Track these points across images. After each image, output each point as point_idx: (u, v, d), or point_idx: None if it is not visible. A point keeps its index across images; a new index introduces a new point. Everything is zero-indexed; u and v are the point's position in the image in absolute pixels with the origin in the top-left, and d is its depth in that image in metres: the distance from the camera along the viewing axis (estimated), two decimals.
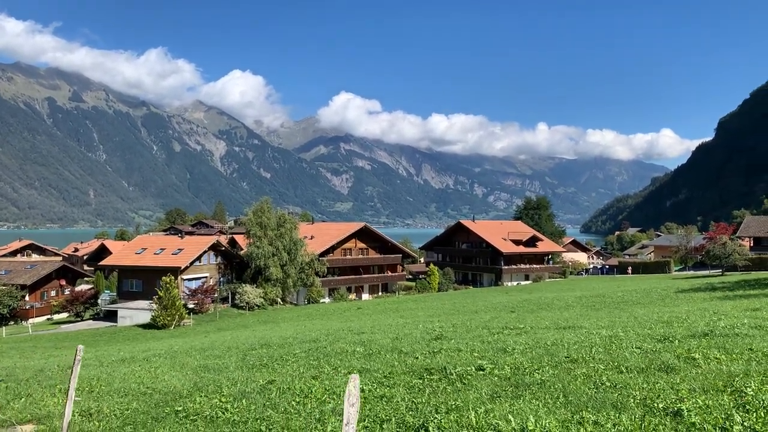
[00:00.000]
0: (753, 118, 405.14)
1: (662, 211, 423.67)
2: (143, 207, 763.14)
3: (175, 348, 20.22)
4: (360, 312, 46.72)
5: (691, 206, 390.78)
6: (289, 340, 17.90)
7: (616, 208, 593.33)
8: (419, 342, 13.82)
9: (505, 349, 11.12)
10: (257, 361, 12.89)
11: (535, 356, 10.01)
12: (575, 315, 21.90)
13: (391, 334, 16.78)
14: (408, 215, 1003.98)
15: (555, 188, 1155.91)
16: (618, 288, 49.65)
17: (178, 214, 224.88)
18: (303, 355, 13.23)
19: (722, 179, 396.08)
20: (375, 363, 10.87)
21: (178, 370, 12.94)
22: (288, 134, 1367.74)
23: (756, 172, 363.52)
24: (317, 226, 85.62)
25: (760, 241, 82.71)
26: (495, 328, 16.19)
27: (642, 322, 15.28)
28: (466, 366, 9.43)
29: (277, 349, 15.25)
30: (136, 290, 58.67)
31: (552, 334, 13.49)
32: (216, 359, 14.35)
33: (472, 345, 12.23)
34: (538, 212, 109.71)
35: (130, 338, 41.36)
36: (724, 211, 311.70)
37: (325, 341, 16.35)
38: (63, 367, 15.71)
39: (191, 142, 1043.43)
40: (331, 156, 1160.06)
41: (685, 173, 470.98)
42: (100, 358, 18.41)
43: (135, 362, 16.03)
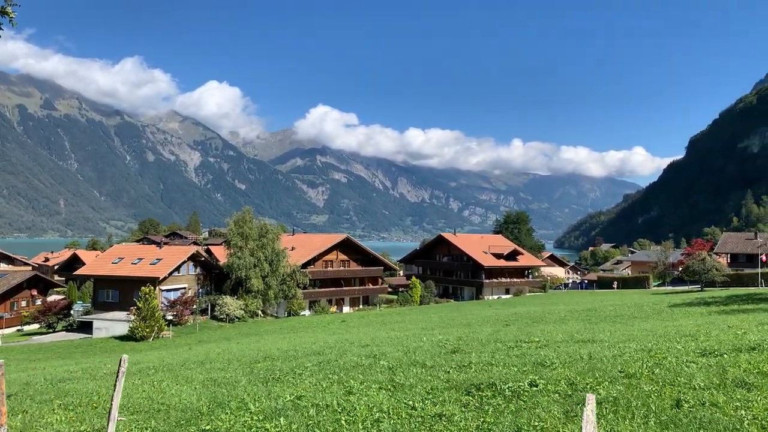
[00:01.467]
0: (722, 138, 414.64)
1: (634, 228, 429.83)
2: (115, 217, 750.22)
3: (168, 361, 19.21)
4: (345, 325, 45.77)
5: (663, 223, 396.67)
6: (290, 353, 17.06)
7: (589, 224, 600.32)
8: (437, 356, 13.13)
9: (542, 363, 10.52)
10: (268, 375, 12.08)
11: (581, 371, 9.42)
12: (579, 328, 21.40)
13: (399, 347, 16.06)
14: (384, 228, 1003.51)
15: (529, 204, 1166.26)
16: (603, 302, 49.52)
17: (152, 225, 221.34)
18: (315, 369, 12.46)
19: (693, 197, 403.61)
20: (404, 378, 10.16)
21: (184, 384, 12.07)
22: (264, 146, 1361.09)
23: (725, 191, 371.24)
24: (298, 237, 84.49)
25: (736, 257, 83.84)
26: (508, 341, 15.58)
27: (662, 335, 14.80)
28: (514, 381, 8.79)
29: (283, 363, 14.43)
30: (112, 301, 56.88)
31: (576, 348, 12.94)
32: (220, 372, 13.49)
33: (500, 358, 11.60)
34: (517, 226, 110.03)
35: (108, 350, 39.89)
36: (694, 227, 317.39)
37: (331, 354, 15.57)
38: (51, 380, 14.68)
39: (165, 152, 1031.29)
40: (308, 168, 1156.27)
41: (657, 190, 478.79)
42: (89, 371, 17.35)
43: (130, 376, 15.06)
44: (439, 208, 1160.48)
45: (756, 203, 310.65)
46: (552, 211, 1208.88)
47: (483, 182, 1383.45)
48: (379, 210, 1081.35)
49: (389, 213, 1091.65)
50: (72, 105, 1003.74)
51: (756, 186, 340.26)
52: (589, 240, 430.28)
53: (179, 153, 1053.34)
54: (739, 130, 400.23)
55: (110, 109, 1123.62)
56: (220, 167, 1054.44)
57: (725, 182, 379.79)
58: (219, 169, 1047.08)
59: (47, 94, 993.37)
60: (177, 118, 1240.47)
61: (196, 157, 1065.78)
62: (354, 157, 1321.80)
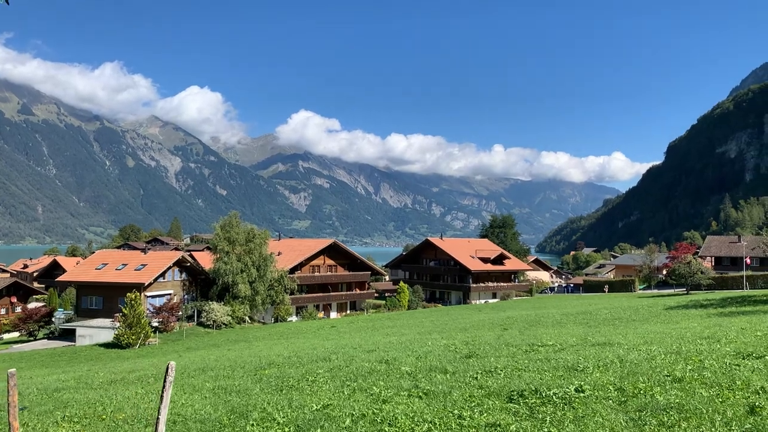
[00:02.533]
0: (700, 143, 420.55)
1: (615, 232, 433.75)
2: (94, 223, 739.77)
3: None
4: (336, 330, 45.15)
5: (643, 227, 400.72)
6: (293, 360, 16.43)
7: (569, 228, 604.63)
8: (454, 361, 12.62)
9: (573, 367, 10.07)
10: (280, 382, 11.46)
11: (622, 375, 8.99)
12: (584, 332, 21.04)
13: (408, 352, 15.51)
14: (366, 234, 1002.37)
15: (510, 209, 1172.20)
16: (594, 306, 49.42)
17: (133, 231, 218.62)
18: (328, 375, 11.87)
19: (672, 201, 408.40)
20: (430, 384, 9.62)
21: (192, 392, 11.41)
22: (245, 151, 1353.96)
23: (704, 195, 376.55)
24: (285, 242, 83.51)
25: (720, 260, 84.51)
26: (520, 345, 15.12)
27: (678, 338, 14.45)
28: (558, 387, 8.30)
29: (291, 369, 13.80)
30: (95, 307, 55.63)
31: (596, 351, 12.52)
32: (227, 380, 12.84)
33: (524, 363, 11.13)
34: (503, 230, 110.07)
35: (93, 358, 38.80)
36: (674, 231, 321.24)
37: (338, 360, 14.98)
38: (44, 389, 13.91)
39: (146, 157, 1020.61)
40: (289, 173, 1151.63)
41: (637, 195, 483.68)
42: (83, 381, 16.55)
43: (130, 384, 14.33)
44: (422, 213, 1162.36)
45: (734, 207, 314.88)
46: (533, 216, 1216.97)
47: (465, 187, 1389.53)
48: (362, 215, 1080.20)
49: (372, 218, 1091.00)
50: (50, 110, 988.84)
51: (734, 191, 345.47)
52: (570, 244, 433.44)
53: (159, 158, 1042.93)
54: (716, 136, 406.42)
55: (89, 114, 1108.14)
56: (201, 173, 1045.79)
57: (704, 187, 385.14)
58: (200, 175, 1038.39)
59: (25, 99, 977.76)
60: (157, 123, 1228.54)
61: (177, 162, 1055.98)
62: (336, 163, 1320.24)
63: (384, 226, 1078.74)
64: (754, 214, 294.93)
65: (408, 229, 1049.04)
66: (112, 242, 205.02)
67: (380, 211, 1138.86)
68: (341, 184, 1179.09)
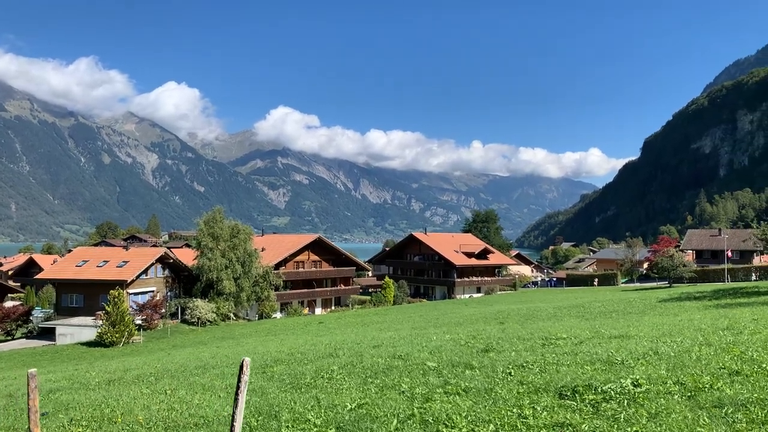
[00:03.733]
0: (675, 139, 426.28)
1: (592, 227, 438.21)
2: (69, 221, 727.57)
3: (160, 366, 17.64)
4: (325, 327, 44.50)
5: (619, 222, 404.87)
6: (297, 356, 15.82)
7: (547, 223, 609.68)
8: (474, 355, 12.12)
9: (610, 361, 9.63)
10: (295, 381, 10.85)
11: (670, 368, 8.57)
12: (589, 324, 20.72)
13: (418, 347, 14.99)
14: (346, 230, 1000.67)
15: (489, 204, 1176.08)
16: (583, 299, 49.41)
17: (110, 228, 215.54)
18: (344, 372, 11.30)
19: (648, 196, 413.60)
20: (461, 380, 9.10)
21: (203, 391, 10.76)
22: (223, 147, 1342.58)
23: (679, 190, 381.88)
24: (268, 237, 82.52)
25: (701, 253, 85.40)
26: (533, 339, 14.67)
27: (697, 329, 14.13)
28: (610, 382, 7.83)
29: (299, 366, 13.19)
30: (76, 305, 54.27)
31: (621, 343, 12.15)
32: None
33: (552, 357, 10.67)
34: (486, 225, 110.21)
35: (77, 357, 37.73)
36: (650, 226, 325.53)
37: (347, 356, 14.40)
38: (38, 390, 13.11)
39: (122, 154, 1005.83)
40: (268, 170, 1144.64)
41: (613, 191, 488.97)
42: (77, 380, 15.78)
43: (130, 384, 13.62)
44: (401, 209, 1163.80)
45: (709, 202, 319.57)
46: (511, 211, 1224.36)
47: (444, 183, 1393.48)
48: (341, 211, 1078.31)
49: (351, 214, 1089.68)
50: (23, 106, 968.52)
51: (708, 185, 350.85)
52: (549, 239, 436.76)
53: (136, 155, 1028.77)
54: (691, 132, 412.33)
55: (64, 110, 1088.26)
56: (178, 169, 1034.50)
57: (679, 182, 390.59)
58: (177, 171, 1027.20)
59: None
60: (133, 119, 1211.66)
61: (154, 159, 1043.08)
62: (315, 159, 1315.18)
63: (364, 222, 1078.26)
64: (728, 209, 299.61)
65: (388, 225, 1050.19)
66: (88, 240, 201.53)
67: (360, 207, 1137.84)
68: (321, 181, 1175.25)
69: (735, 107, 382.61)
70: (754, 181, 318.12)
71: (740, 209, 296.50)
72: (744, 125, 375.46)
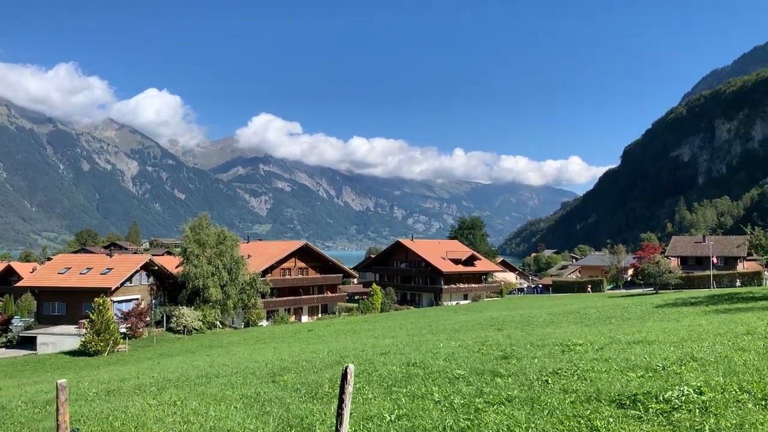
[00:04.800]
0: (655, 148, 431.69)
1: (573, 234, 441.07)
2: (47, 228, 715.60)
3: (166, 376, 16.89)
4: (315, 335, 43.81)
5: (600, 229, 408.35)
6: (303, 365, 15.25)
7: (529, 231, 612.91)
8: (496, 363, 11.66)
9: (649, 367, 9.25)
10: (312, 390, 10.30)
11: (725, 372, 8.18)
12: (596, 330, 20.42)
13: (428, 355, 14.50)
14: (328, 237, 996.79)
15: (471, 212, 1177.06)
16: (574, 305, 49.32)
17: (90, 236, 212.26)
18: (363, 381, 10.75)
19: (628, 204, 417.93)
20: (500, 390, 8.60)
21: (216, 402, 10.14)
22: (204, 154, 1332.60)
23: (659, 198, 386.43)
24: (254, 244, 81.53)
25: (686, 260, 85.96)
26: (549, 345, 14.26)
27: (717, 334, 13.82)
28: (667, 390, 7.42)
29: (310, 375, 12.63)
30: (58, 314, 53.00)
31: (647, 349, 11.81)
32: (245, 388, 11.58)
33: (583, 364, 10.24)
34: (472, 232, 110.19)
35: (61, 367, 36.65)
36: (630, 233, 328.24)
37: (356, 364, 13.84)
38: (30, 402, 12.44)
39: (101, 161, 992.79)
40: (250, 177, 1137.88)
41: (594, 198, 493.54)
42: (72, 391, 15.00)
43: (131, 395, 12.94)
44: (384, 216, 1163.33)
45: (688, 210, 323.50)
46: (493, 218, 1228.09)
47: (426, 191, 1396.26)
48: (324, 219, 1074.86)
49: (334, 222, 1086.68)
50: (0, 112, 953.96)
51: (688, 193, 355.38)
52: (530, 246, 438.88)
53: (116, 162, 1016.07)
54: (670, 140, 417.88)
55: (42, 116, 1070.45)
56: (158, 176, 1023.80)
57: (659, 190, 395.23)
58: (157, 179, 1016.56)
59: None
60: (113, 126, 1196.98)
61: (134, 166, 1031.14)
62: (298, 166, 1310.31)
63: (346, 230, 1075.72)
64: (707, 216, 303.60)
65: (370, 232, 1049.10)
66: (67, 248, 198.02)
67: (342, 215, 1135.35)
68: (303, 188, 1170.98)
69: (713, 116, 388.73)
70: (732, 189, 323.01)
71: (719, 216, 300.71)
72: (722, 134, 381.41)
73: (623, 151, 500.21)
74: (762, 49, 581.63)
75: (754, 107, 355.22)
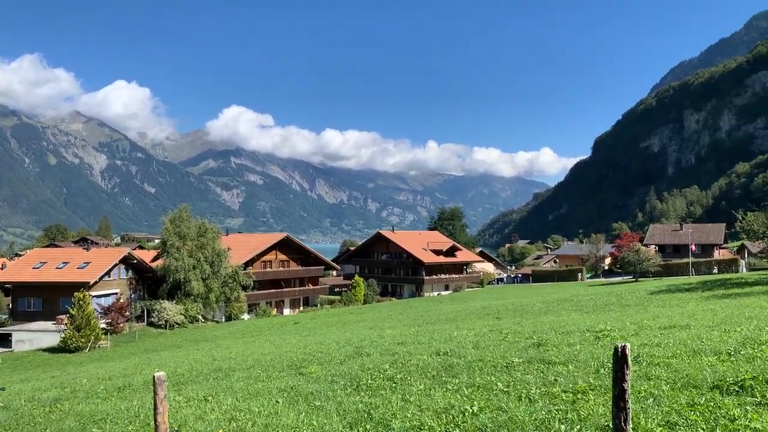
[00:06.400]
0: (625, 138, 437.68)
1: (545, 224, 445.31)
2: (13, 224, 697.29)
3: (177, 371, 15.95)
4: (303, 327, 43.02)
5: (572, 219, 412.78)
6: (318, 357, 14.55)
7: (502, 222, 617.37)
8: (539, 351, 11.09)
9: (716, 351, 8.77)
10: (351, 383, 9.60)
11: None
12: (606, 317, 20.10)
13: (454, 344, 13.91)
14: (302, 231, 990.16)
15: (445, 203, 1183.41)
16: (560, 294, 49.37)
17: (59, 231, 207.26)
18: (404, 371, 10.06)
19: (599, 194, 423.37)
20: (574, 379, 8.01)
21: (254, 397, 9.36)
22: (174, 147, 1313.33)
23: (629, 188, 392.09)
24: (234, 237, 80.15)
25: (663, 248, 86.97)
26: (575, 333, 13.79)
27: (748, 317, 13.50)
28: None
29: (336, 366, 11.96)
30: (34, 310, 51.24)
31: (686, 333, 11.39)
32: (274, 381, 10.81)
33: (644, 350, 9.70)
34: (452, 222, 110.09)
35: (41, 364, 35.32)
36: (602, 223, 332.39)
37: (378, 355, 13.22)
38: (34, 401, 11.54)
39: (68, 154, 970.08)
40: (221, 170, 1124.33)
41: (566, 189, 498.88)
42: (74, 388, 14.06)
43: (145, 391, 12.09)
44: (358, 209, 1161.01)
45: (659, 199, 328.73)
46: (466, 210, 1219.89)
47: (400, 183, 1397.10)
48: (297, 212, 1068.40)
49: (307, 215, 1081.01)
50: None
51: (658, 183, 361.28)
52: (504, 237, 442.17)
53: (83, 155, 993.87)
54: (640, 131, 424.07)
55: (5, 109, 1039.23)
56: (128, 170, 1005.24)
57: (629, 180, 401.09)
58: (127, 172, 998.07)
59: None
60: (80, 119, 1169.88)
61: (102, 159, 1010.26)
62: (270, 159, 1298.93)
63: (320, 223, 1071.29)
64: (677, 206, 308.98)
65: (344, 225, 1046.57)
66: (36, 243, 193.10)
67: (316, 208, 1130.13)
68: (275, 181, 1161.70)
69: (682, 107, 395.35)
70: (700, 179, 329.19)
71: (688, 206, 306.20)
72: (690, 125, 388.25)
73: (594, 142, 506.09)
74: (727, 41, 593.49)
75: (722, 98, 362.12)
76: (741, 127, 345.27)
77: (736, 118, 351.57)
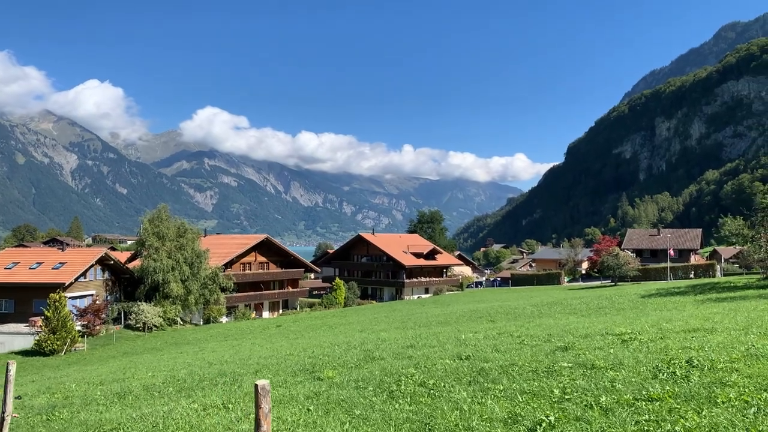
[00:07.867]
0: (597, 145, 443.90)
1: (519, 229, 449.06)
2: None
3: (175, 375, 15.08)
4: (287, 330, 42.14)
5: (545, 224, 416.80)
6: (325, 360, 13.88)
7: (476, 226, 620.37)
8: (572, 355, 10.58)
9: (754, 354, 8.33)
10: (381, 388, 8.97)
11: None
12: (604, 320, 19.77)
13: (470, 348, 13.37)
14: (276, 233, 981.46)
15: (420, 207, 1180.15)
16: (544, 297, 49.25)
17: (28, 231, 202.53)
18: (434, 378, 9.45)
19: (572, 200, 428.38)
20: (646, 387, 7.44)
21: (281, 405, 8.63)
22: (147, 148, 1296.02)
23: (602, 194, 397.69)
24: (213, 238, 78.65)
25: (641, 252, 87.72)
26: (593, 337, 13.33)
27: None
28: None
29: (353, 371, 11.32)
30: (6, 311, 49.47)
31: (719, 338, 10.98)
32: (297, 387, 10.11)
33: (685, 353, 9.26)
34: (431, 225, 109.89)
35: (17, 368, 33.87)
36: (575, 228, 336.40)
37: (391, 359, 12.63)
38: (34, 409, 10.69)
39: (38, 154, 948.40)
40: (195, 171, 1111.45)
41: (539, 194, 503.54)
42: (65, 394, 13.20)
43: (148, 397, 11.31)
44: (333, 212, 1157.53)
45: (630, 205, 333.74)
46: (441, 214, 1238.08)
47: (375, 186, 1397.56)
48: (272, 214, 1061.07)
49: (282, 217, 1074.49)
50: None
51: (630, 189, 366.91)
52: (478, 242, 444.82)
53: (53, 155, 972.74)
54: (613, 138, 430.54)
55: None
56: (99, 170, 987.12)
57: (602, 186, 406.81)
58: (98, 173, 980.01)
59: None
60: (51, 118, 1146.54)
61: (73, 159, 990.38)
62: (244, 161, 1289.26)
63: (295, 226, 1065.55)
64: (649, 211, 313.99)
65: (319, 228, 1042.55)
66: (4, 243, 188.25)
67: (291, 210, 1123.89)
68: (250, 183, 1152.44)
69: (653, 115, 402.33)
70: (671, 185, 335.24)
71: (660, 212, 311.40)
72: (662, 132, 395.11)
73: (567, 149, 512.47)
74: (697, 51, 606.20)
75: (692, 106, 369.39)
76: (711, 135, 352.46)
77: (705, 126, 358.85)
